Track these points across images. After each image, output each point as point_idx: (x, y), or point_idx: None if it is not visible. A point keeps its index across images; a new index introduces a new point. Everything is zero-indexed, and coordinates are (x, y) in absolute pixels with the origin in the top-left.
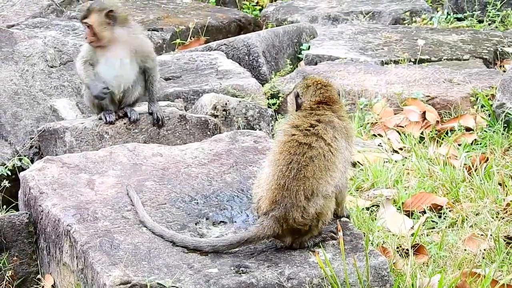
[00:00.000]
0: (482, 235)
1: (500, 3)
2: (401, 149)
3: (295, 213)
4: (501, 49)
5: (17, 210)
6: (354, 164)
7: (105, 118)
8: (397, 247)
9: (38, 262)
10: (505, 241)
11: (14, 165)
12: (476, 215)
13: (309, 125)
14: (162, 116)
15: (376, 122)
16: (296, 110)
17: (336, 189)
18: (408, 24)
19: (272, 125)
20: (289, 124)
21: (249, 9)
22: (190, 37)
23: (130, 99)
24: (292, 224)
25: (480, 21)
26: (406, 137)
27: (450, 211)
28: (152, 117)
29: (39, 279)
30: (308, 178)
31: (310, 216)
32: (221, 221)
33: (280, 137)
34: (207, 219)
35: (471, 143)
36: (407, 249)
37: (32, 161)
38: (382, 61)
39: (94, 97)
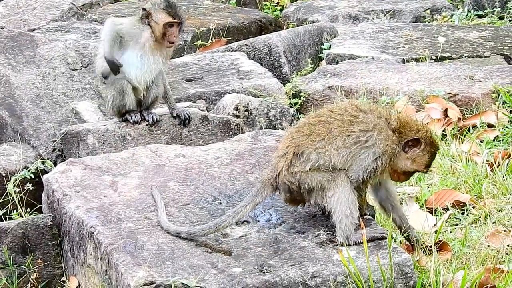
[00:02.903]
0: (505, 231)
1: None
2: None
3: (282, 164)
4: None
5: (41, 212)
6: None
7: (131, 118)
8: (421, 244)
9: (63, 264)
10: None
11: (37, 168)
12: (499, 211)
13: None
14: (186, 114)
15: None
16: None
17: (325, 165)
18: (429, 22)
19: (294, 125)
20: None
21: (269, 9)
22: (211, 38)
23: (148, 99)
24: (280, 176)
25: (501, 18)
26: None
27: (473, 207)
28: (179, 118)
29: (63, 281)
30: (304, 135)
31: (295, 176)
32: (244, 221)
33: None
34: None
35: (493, 140)
36: (431, 246)
37: (55, 164)
38: (403, 59)
39: (108, 63)
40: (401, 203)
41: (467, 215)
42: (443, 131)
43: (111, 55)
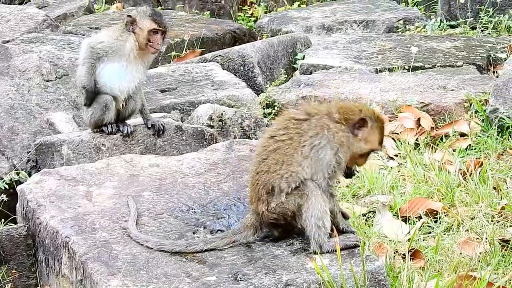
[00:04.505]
0: (477, 238)
1: (492, 9)
2: (396, 155)
3: (261, 207)
4: (494, 55)
5: (16, 223)
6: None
7: (107, 129)
8: (394, 252)
9: (37, 274)
10: (500, 244)
11: (11, 179)
12: (472, 219)
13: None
14: (160, 124)
15: None
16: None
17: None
18: (402, 32)
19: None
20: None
21: (243, 20)
22: (186, 49)
23: (126, 110)
24: (264, 218)
25: (473, 28)
26: (401, 143)
27: (445, 215)
28: (153, 129)
29: None
30: (264, 172)
31: (275, 210)
32: (218, 230)
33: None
34: (204, 228)
35: (466, 148)
36: (404, 254)
37: (29, 175)
38: (377, 69)
39: (87, 92)
40: (374, 212)
41: (440, 223)
42: (416, 140)
43: (90, 83)
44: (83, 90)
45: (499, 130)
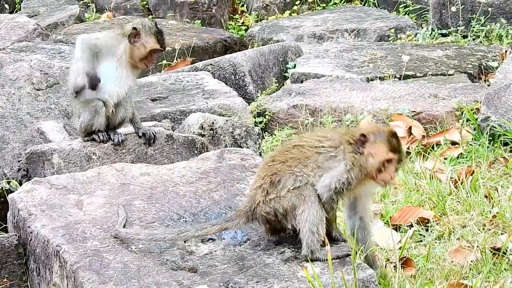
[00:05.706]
0: (468, 246)
1: (484, 18)
2: None
3: (259, 196)
4: (485, 63)
5: (6, 232)
6: None
7: (98, 137)
8: (386, 261)
9: (28, 283)
10: (491, 252)
11: (2, 188)
12: (463, 227)
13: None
14: (151, 133)
15: None
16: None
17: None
18: (393, 41)
19: (259, 143)
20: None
21: (234, 29)
22: (176, 58)
23: (116, 118)
24: (258, 208)
25: (465, 37)
26: None
27: (437, 224)
28: (145, 137)
29: None
30: (280, 162)
31: (270, 203)
32: (209, 239)
33: None
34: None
35: (457, 157)
36: (395, 262)
37: (20, 184)
38: (368, 77)
39: (90, 79)
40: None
41: (431, 231)
42: (407, 148)
43: (93, 69)
44: (86, 77)
45: (491, 138)
